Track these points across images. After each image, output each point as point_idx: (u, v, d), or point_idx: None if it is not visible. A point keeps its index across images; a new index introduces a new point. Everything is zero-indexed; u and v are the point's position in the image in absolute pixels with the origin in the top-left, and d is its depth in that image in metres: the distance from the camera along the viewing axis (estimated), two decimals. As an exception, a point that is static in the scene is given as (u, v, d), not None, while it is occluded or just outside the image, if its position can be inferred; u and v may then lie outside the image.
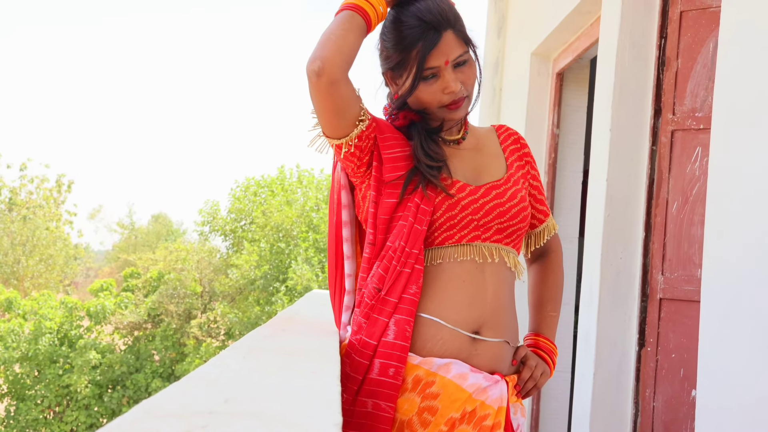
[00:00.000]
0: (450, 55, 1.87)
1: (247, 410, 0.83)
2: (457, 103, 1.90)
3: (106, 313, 21.41)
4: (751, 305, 2.42)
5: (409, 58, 1.86)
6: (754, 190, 2.46)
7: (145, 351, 21.21)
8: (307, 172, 24.31)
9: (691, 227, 3.27)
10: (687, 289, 3.25)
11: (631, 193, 3.59)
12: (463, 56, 1.89)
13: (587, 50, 4.65)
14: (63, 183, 26.74)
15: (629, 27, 3.62)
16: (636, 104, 3.61)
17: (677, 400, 3.24)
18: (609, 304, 3.59)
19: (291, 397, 0.94)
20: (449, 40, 1.87)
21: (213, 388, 0.94)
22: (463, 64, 1.90)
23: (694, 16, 3.39)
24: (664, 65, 3.53)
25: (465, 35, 1.91)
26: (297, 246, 22.01)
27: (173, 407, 0.81)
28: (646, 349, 3.47)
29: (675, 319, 3.33)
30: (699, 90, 3.31)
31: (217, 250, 24.64)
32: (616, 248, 3.60)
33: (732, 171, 2.60)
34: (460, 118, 1.95)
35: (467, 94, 1.91)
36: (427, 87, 1.89)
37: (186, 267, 22.96)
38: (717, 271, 2.64)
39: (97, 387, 20.27)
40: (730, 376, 2.49)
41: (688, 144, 3.35)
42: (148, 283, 22.99)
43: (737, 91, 2.62)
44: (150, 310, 21.49)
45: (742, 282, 2.48)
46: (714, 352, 2.61)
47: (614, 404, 3.56)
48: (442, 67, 1.87)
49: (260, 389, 0.97)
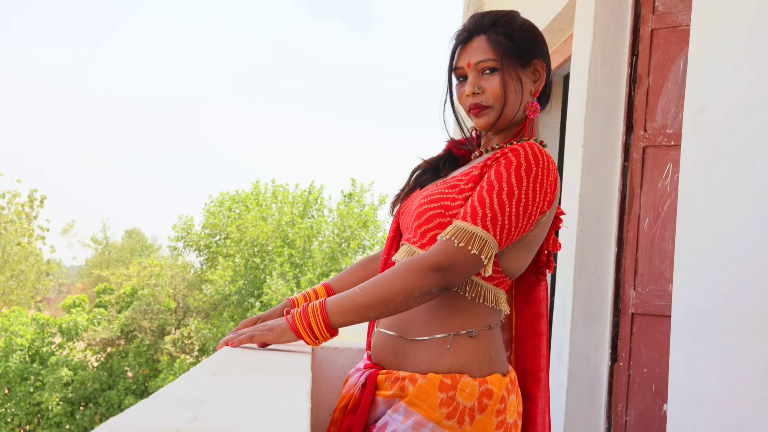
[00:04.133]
0: (473, 57, 1.90)
1: (215, 428, 0.82)
2: (475, 109, 1.91)
3: (78, 329, 21.21)
4: (721, 320, 2.44)
5: (450, 58, 1.95)
6: (724, 205, 2.48)
7: (118, 367, 21.01)
8: (282, 187, 24.27)
9: (663, 243, 3.29)
10: (659, 304, 3.27)
11: (603, 209, 3.62)
12: (488, 63, 1.89)
13: (560, 67, 4.69)
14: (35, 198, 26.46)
15: (601, 44, 3.66)
16: (608, 121, 3.64)
17: (649, 414, 3.26)
18: (582, 319, 3.61)
19: (260, 414, 0.93)
20: (478, 45, 1.91)
21: (181, 405, 0.94)
22: (490, 72, 1.90)
23: (664, 35, 3.43)
24: (636, 82, 3.57)
25: (502, 45, 1.89)
26: (272, 261, 21.94)
27: (140, 425, 0.80)
28: (619, 363, 3.48)
29: (647, 333, 3.35)
30: (670, 107, 3.34)
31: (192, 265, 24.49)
32: (588, 264, 3.62)
33: (702, 187, 2.63)
34: (484, 126, 1.93)
35: (489, 103, 1.90)
36: (459, 89, 1.95)
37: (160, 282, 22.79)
38: (687, 286, 2.66)
39: (68, 404, 20.05)
40: (701, 391, 2.50)
41: (660, 160, 3.38)
42: (121, 299, 22.80)
43: (706, 107, 2.65)
44: (123, 326, 21.31)
45: (712, 297, 2.50)
46: (684, 367, 2.62)
47: (587, 418, 3.58)
48: (465, 68, 1.92)
49: (229, 406, 0.97)
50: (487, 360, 1.82)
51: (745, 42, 2.47)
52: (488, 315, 1.85)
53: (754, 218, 2.33)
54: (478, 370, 1.80)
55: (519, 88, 1.91)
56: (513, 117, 1.93)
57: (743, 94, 2.44)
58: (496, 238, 1.72)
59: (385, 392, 1.80)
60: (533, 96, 1.96)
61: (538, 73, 1.96)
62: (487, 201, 1.74)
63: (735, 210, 2.42)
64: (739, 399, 2.31)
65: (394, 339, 1.85)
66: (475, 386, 1.77)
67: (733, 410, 2.32)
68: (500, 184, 1.75)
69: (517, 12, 1.98)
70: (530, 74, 1.95)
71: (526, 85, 1.94)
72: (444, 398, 1.75)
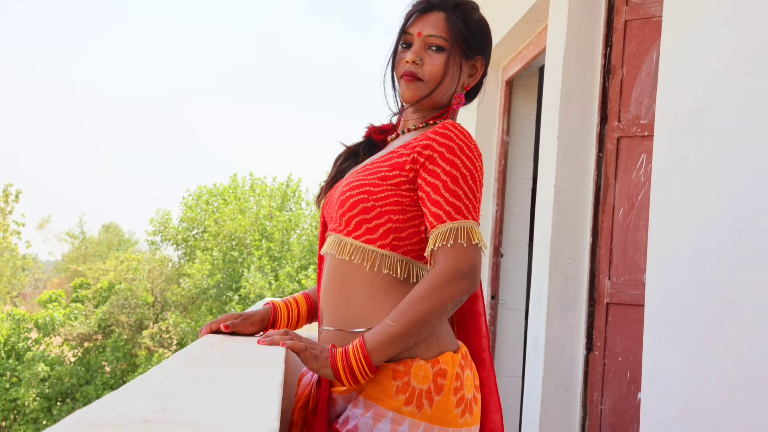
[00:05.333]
0: (426, 29, 1.90)
1: (184, 419, 0.82)
2: (409, 77, 1.89)
3: (55, 324, 21.06)
4: (693, 309, 2.46)
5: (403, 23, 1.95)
6: (696, 195, 2.50)
7: (96, 363, 20.90)
8: (260, 180, 24.20)
9: (637, 232, 3.32)
10: (633, 294, 3.29)
11: (578, 200, 3.64)
12: (439, 40, 1.89)
13: (536, 58, 4.71)
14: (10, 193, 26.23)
15: (575, 36, 3.67)
16: (583, 112, 3.66)
17: (624, 402, 3.29)
18: (557, 309, 3.63)
19: (229, 405, 0.93)
20: (436, 19, 1.91)
21: (151, 396, 0.93)
22: (436, 50, 1.89)
23: (638, 26, 3.44)
24: (610, 73, 3.59)
25: (458, 28, 1.90)
26: (250, 254, 21.89)
27: (107, 416, 0.80)
28: (594, 353, 3.51)
29: (622, 323, 3.38)
30: (643, 98, 3.36)
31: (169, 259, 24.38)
32: (564, 254, 3.64)
33: (674, 177, 2.65)
34: (411, 98, 1.91)
35: (425, 78, 1.89)
36: (400, 54, 1.94)
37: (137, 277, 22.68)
38: (660, 275, 2.68)
39: (45, 400, 19.92)
40: (674, 378, 2.53)
41: (634, 150, 3.40)
42: (98, 294, 22.67)
43: (678, 98, 2.67)
44: (100, 320, 21.19)
45: (685, 286, 2.52)
46: (657, 355, 2.65)
47: (563, 407, 3.60)
48: (414, 36, 1.91)
49: (199, 398, 0.96)
50: (435, 339, 1.81)
51: (716, 33, 2.48)
52: None
53: (726, 208, 2.35)
54: (428, 351, 1.79)
55: (457, 75, 1.92)
56: (439, 101, 1.93)
57: (715, 84, 2.46)
58: (472, 218, 1.76)
59: (339, 388, 1.79)
60: (463, 89, 1.97)
61: (476, 70, 1.97)
62: (459, 192, 1.76)
63: (707, 200, 2.44)
64: (711, 386, 2.33)
65: (339, 334, 1.84)
66: (428, 368, 1.77)
67: (705, 397, 2.35)
68: (441, 179, 1.77)
69: (478, 6, 1.98)
70: (469, 68, 1.96)
71: (463, 76, 1.95)
72: (399, 385, 1.75)
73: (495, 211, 5.27)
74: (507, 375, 5.16)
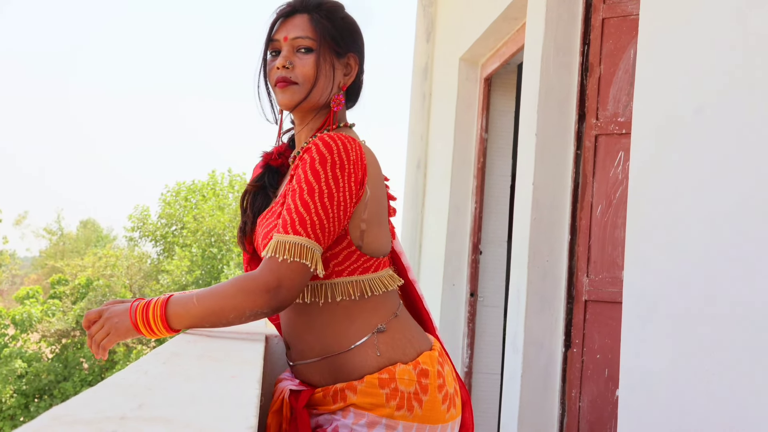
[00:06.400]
0: (291, 32, 1.88)
1: (160, 415, 0.82)
2: (282, 82, 1.87)
3: (32, 320, 20.94)
4: (670, 306, 2.48)
5: (268, 31, 1.92)
6: (672, 193, 2.52)
7: (74, 359, 20.80)
8: (239, 176, 24.16)
9: (615, 230, 3.34)
10: (611, 291, 3.31)
11: (556, 197, 3.65)
12: (306, 41, 1.86)
13: (514, 56, 4.72)
14: (-13, 188, 26.01)
15: (553, 33, 3.69)
16: (561, 109, 3.67)
17: (602, 399, 3.31)
18: (536, 307, 3.64)
19: (207, 401, 0.93)
20: (299, 21, 1.89)
21: (128, 393, 0.93)
22: (305, 52, 1.87)
23: (615, 23, 3.46)
24: (588, 71, 3.61)
25: (324, 27, 1.88)
26: (229, 251, 21.84)
27: (83, 413, 0.79)
28: (572, 350, 3.53)
29: (600, 320, 3.40)
30: (621, 95, 3.38)
31: (148, 255, 24.30)
32: (542, 251, 3.65)
33: (651, 174, 2.66)
34: (288, 104, 1.88)
35: (298, 80, 1.86)
36: (270, 63, 1.92)
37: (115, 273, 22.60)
38: (637, 272, 2.70)
39: (23, 397, 19.81)
40: (651, 375, 2.55)
41: (611, 148, 3.42)
42: (76, 290, 22.56)
43: (655, 96, 2.68)
44: (78, 317, 21.09)
45: (662, 283, 2.54)
46: (635, 353, 2.66)
47: (541, 405, 3.62)
48: (281, 41, 1.89)
49: (177, 394, 0.96)
50: (410, 342, 1.85)
51: (692, 31, 2.50)
52: (386, 302, 1.87)
53: (703, 205, 2.37)
54: (406, 355, 1.83)
55: (330, 75, 1.90)
56: (318, 103, 1.90)
57: (692, 82, 2.48)
58: (313, 237, 1.69)
59: (329, 407, 1.81)
60: (341, 89, 1.94)
61: (350, 68, 1.95)
62: (292, 206, 1.71)
63: (684, 197, 2.46)
64: (688, 382, 2.35)
65: (319, 363, 1.85)
66: (411, 371, 1.80)
67: (682, 393, 2.37)
68: (300, 186, 1.71)
69: (342, 4, 1.97)
70: (343, 66, 1.94)
71: (337, 76, 1.92)
72: (388, 392, 1.77)
73: (474, 209, 5.28)
74: (485, 372, 5.18)
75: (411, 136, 6.61)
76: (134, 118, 79.92)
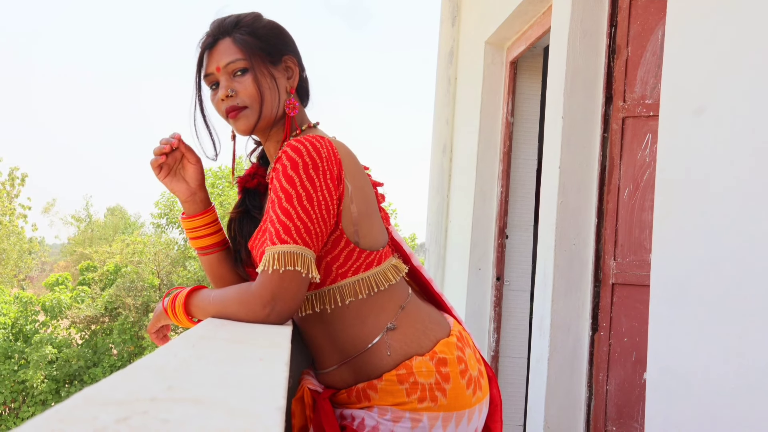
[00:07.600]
0: (221, 60, 1.86)
1: (190, 397, 0.83)
2: (233, 111, 1.86)
3: (62, 307, 21.18)
4: (698, 289, 2.46)
5: (198, 66, 1.91)
6: (700, 175, 2.50)
7: (103, 345, 21.02)
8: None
9: (642, 213, 3.31)
10: (638, 274, 3.30)
11: (583, 180, 3.63)
12: (238, 63, 1.85)
13: (540, 39, 4.69)
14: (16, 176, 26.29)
15: (580, 16, 3.66)
16: (587, 92, 3.64)
17: (629, 383, 3.29)
18: (563, 290, 3.63)
19: (236, 383, 0.94)
20: (225, 47, 1.87)
21: (158, 375, 0.94)
22: (241, 73, 1.86)
23: (643, 5, 3.43)
24: (615, 53, 3.57)
25: (249, 44, 1.86)
26: (255, 237, 21.90)
27: (114, 394, 0.80)
28: (599, 333, 3.51)
29: (627, 303, 3.38)
30: (648, 77, 3.35)
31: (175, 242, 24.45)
32: (569, 235, 3.64)
33: (679, 157, 2.64)
34: (246, 129, 1.89)
35: (246, 104, 1.86)
36: (213, 97, 1.91)
37: (143, 260, 22.77)
38: (665, 255, 2.68)
39: (53, 382, 20.06)
40: (678, 358, 2.53)
41: (639, 131, 3.39)
42: (104, 277, 22.78)
43: (683, 78, 2.66)
44: (107, 303, 21.30)
45: (690, 266, 2.52)
46: (663, 336, 2.65)
47: (569, 388, 3.61)
48: (215, 73, 1.88)
49: (206, 376, 0.97)
50: (423, 332, 1.85)
51: (721, 12, 2.47)
52: (392, 296, 1.86)
53: (731, 187, 2.34)
54: (422, 347, 1.82)
55: (274, 85, 1.88)
56: (273, 116, 1.90)
57: (720, 63, 2.45)
58: (301, 243, 1.67)
59: (355, 404, 1.83)
60: (289, 93, 1.92)
61: (291, 70, 1.94)
62: (274, 217, 1.70)
63: (712, 180, 2.44)
64: (715, 365, 2.34)
65: (345, 367, 1.86)
66: (428, 362, 1.79)
67: (710, 377, 2.35)
68: (277, 195, 1.69)
69: (259, 12, 1.95)
70: (283, 71, 1.92)
71: (281, 83, 1.90)
72: (408, 387, 1.77)
73: (500, 193, 5.27)
74: (512, 356, 5.18)
75: (437, 121, 6.60)
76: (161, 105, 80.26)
